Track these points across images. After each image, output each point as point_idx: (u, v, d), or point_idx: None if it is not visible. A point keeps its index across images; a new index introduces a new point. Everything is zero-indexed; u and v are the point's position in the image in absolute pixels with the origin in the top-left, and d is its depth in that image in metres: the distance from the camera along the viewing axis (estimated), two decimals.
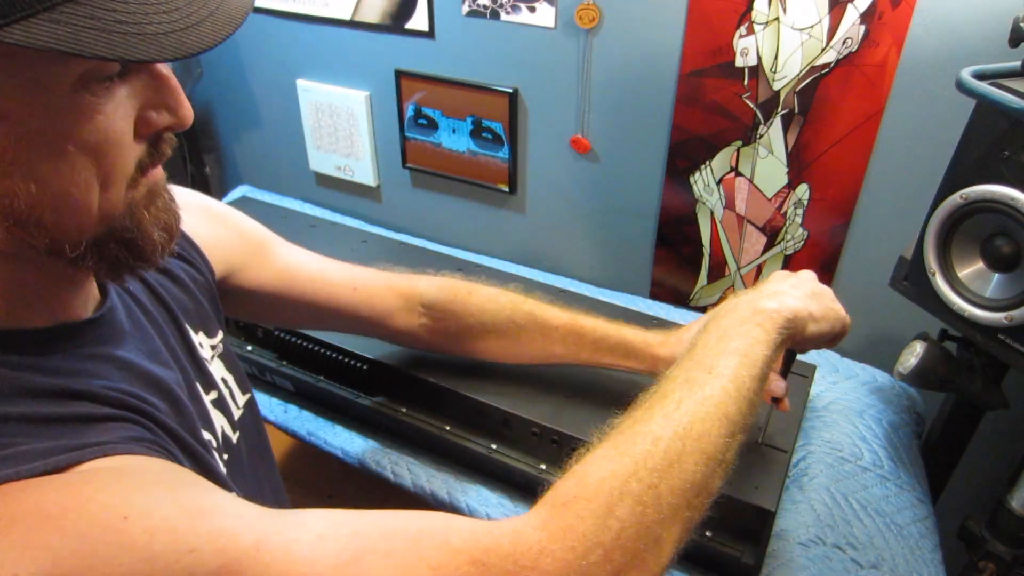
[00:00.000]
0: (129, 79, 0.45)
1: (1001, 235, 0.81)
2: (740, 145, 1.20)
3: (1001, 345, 0.82)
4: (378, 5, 1.39)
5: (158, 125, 0.47)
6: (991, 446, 1.21)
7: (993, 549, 0.95)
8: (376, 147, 1.58)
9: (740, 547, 0.82)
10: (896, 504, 0.96)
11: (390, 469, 0.98)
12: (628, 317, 1.14)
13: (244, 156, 1.82)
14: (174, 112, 0.48)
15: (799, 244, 1.23)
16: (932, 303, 0.88)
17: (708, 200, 1.27)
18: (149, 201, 0.50)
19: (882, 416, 1.10)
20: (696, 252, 1.33)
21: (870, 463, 1.01)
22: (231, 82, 1.67)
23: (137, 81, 0.45)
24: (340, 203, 1.71)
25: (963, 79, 0.78)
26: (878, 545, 0.89)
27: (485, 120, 1.39)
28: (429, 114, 1.45)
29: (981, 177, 0.79)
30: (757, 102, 1.15)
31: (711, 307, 1.37)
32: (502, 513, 0.91)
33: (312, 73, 1.56)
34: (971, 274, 0.84)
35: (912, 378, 0.97)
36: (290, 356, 1.07)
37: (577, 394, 0.95)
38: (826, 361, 1.21)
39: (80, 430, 0.46)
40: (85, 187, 0.44)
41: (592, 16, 1.19)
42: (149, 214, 0.50)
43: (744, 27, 1.11)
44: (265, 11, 1.52)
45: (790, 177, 1.19)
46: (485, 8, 1.29)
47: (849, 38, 1.05)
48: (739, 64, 1.13)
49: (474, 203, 1.53)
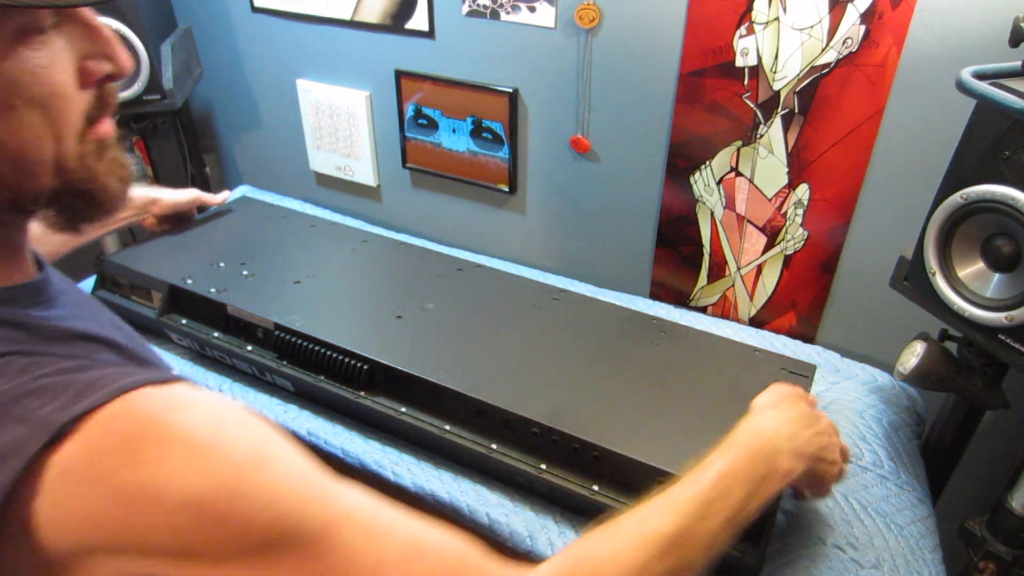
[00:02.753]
0: (64, 30, 0.47)
1: (1001, 235, 0.80)
2: (740, 145, 1.20)
3: (1001, 345, 0.82)
4: (378, 5, 1.39)
5: (99, 73, 0.49)
6: (991, 446, 1.21)
7: (993, 549, 0.95)
8: (376, 147, 1.58)
9: (741, 547, 0.82)
10: (896, 504, 0.96)
11: (390, 469, 0.98)
12: (628, 316, 1.14)
13: (244, 156, 1.82)
14: (113, 59, 0.50)
15: (799, 244, 1.23)
16: (932, 303, 0.88)
17: (708, 200, 1.27)
18: (100, 153, 0.52)
19: (882, 416, 1.10)
20: (696, 252, 1.33)
21: (870, 463, 1.01)
22: (231, 82, 1.67)
23: (72, 31, 0.47)
24: (340, 203, 1.71)
25: (963, 79, 0.78)
26: (878, 545, 0.89)
27: (485, 120, 1.39)
28: (429, 114, 1.45)
29: (981, 177, 0.79)
30: (757, 102, 1.15)
31: (711, 308, 1.37)
32: (502, 513, 0.91)
33: (312, 73, 1.56)
34: (971, 274, 0.84)
35: (912, 378, 0.97)
36: (290, 356, 1.07)
37: (577, 394, 0.95)
38: (826, 361, 1.21)
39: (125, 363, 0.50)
40: (37, 141, 0.46)
41: (592, 16, 1.19)
42: (102, 165, 0.52)
43: (744, 27, 1.11)
44: (265, 11, 1.52)
45: (790, 177, 1.19)
46: (485, 8, 1.29)
47: (849, 38, 1.05)
48: (739, 64, 1.13)
49: (474, 203, 1.53)
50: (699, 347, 1.07)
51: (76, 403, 0.42)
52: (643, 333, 1.09)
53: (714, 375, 1.00)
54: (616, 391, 0.97)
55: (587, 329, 1.10)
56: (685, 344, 1.07)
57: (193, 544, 0.43)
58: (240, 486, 0.43)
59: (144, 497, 0.41)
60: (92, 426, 0.41)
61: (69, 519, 0.41)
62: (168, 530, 0.42)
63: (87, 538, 0.42)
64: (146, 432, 0.42)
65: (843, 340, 1.28)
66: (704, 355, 1.05)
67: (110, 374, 0.45)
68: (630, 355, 1.05)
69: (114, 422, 0.42)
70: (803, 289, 1.27)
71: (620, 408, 0.94)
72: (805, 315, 1.29)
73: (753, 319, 1.35)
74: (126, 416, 0.42)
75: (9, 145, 0.45)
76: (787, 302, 1.30)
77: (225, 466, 0.43)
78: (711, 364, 1.02)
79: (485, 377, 0.96)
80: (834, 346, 1.27)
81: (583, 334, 1.09)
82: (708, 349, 1.06)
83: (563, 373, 0.99)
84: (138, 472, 0.41)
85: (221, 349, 1.11)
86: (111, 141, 0.53)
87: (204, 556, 0.43)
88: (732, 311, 1.36)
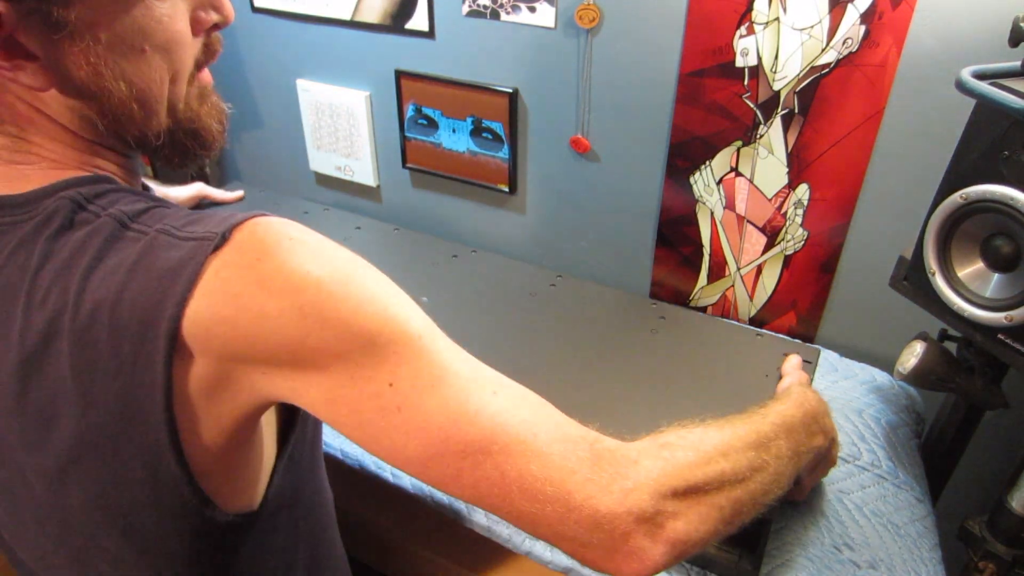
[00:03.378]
0: None
1: (1001, 235, 0.80)
2: (740, 145, 1.20)
3: (1001, 345, 0.82)
4: (378, 5, 1.39)
5: (208, 22, 0.58)
6: (991, 446, 1.21)
7: (993, 549, 0.95)
8: (376, 147, 1.58)
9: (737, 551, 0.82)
10: (894, 504, 0.96)
11: (390, 470, 0.98)
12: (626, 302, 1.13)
13: (244, 156, 1.82)
14: (220, 10, 0.58)
15: (799, 244, 1.23)
16: (932, 303, 0.87)
17: (708, 200, 1.27)
18: (203, 98, 0.61)
19: (881, 416, 1.10)
20: (696, 252, 1.33)
21: (868, 463, 1.01)
22: (231, 82, 1.67)
23: None
24: (340, 203, 1.71)
25: (963, 79, 0.78)
26: (876, 545, 0.89)
27: (485, 120, 1.39)
28: (429, 114, 1.45)
29: (981, 177, 0.79)
30: (757, 102, 1.15)
31: (711, 308, 1.37)
32: None
33: (312, 73, 1.56)
34: (971, 274, 0.84)
35: (912, 378, 0.97)
36: None
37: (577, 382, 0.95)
38: (825, 360, 1.21)
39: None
40: (160, 82, 0.55)
41: (592, 16, 1.19)
42: (204, 108, 0.61)
43: (744, 27, 1.11)
44: (265, 11, 1.52)
45: (790, 177, 1.19)
46: (485, 8, 1.29)
47: (849, 38, 1.05)
48: (739, 64, 1.13)
49: (474, 203, 1.53)
50: (700, 332, 1.06)
51: (227, 222, 0.50)
52: (643, 319, 1.09)
53: (716, 360, 0.99)
54: (616, 377, 0.97)
55: (585, 316, 1.10)
56: (686, 329, 1.07)
57: (311, 335, 0.49)
58: (353, 276, 0.51)
59: (278, 282, 0.49)
60: (239, 234, 0.50)
61: (224, 315, 0.48)
62: (294, 316, 0.48)
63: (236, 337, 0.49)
64: (279, 235, 0.50)
65: (843, 340, 1.28)
66: (705, 340, 1.04)
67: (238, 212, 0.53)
68: (630, 341, 1.04)
69: (255, 229, 0.50)
70: (803, 289, 1.27)
71: (620, 394, 0.93)
72: (805, 315, 1.29)
73: (753, 319, 1.34)
74: (263, 226, 0.51)
75: (139, 85, 0.53)
76: (787, 302, 1.30)
77: (341, 260, 0.52)
78: (713, 349, 1.02)
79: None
80: (834, 346, 1.27)
81: (581, 321, 1.09)
82: (709, 334, 1.06)
83: (561, 361, 0.98)
84: (274, 260, 0.49)
85: None
86: (210, 88, 0.62)
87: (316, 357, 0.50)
88: (732, 311, 1.36)
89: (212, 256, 0.48)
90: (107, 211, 0.52)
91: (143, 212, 0.52)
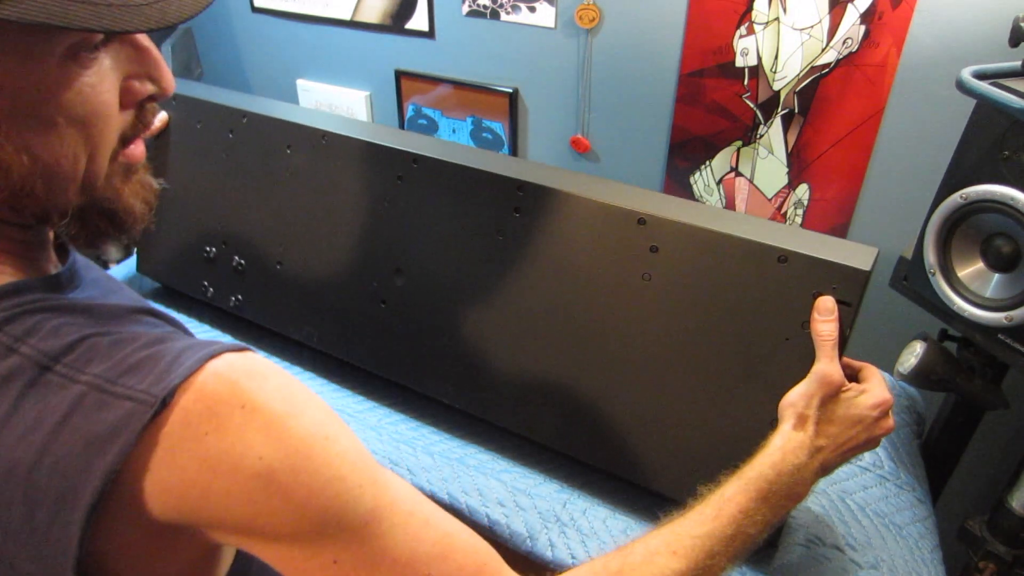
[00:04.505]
0: (112, 49, 0.46)
1: (1001, 235, 0.80)
2: (740, 145, 1.20)
3: (1001, 345, 0.82)
4: (378, 5, 1.39)
5: (142, 94, 0.49)
6: (991, 446, 1.21)
7: (993, 549, 0.95)
8: None
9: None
10: (895, 504, 0.96)
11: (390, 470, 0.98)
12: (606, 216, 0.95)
13: None
14: (157, 81, 0.49)
15: None
16: (932, 303, 0.87)
17: (708, 200, 1.27)
18: (128, 174, 0.52)
19: None
20: None
21: (869, 463, 1.01)
22: (231, 82, 1.67)
23: (120, 52, 0.47)
24: None
25: (963, 79, 0.78)
26: (877, 545, 0.89)
27: (485, 120, 1.39)
28: (429, 114, 1.45)
29: (981, 177, 0.79)
30: (757, 102, 1.15)
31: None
32: (502, 513, 0.91)
33: (312, 73, 1.56)
34: (971, 274, 0.84)
35: (912, 378, 0.97)
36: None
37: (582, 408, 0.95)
38: None
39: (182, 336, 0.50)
40: (72, 158, 0.46)
41: (592, 16, 1.19)
42: (128, 186, 0.52)
43: (744, 27, 1.11)
44: (265, 11, 1.52)
45: (790, 177, 1.19)
46: (485, 8, 1.29)
47: (849, 38, 1.05)
48: (739, 64, 1.13)
49: None
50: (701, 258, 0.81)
51: (170, 375, 0.44)
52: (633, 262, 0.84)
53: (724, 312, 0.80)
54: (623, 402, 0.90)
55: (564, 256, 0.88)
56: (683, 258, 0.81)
57: (259, 516, 0.46)
58: (306, 461, 0.46)
59: (226, 464, 0.44)
60: (184, 398, 0.44)
61: (166, 486, 0.44)
62: (243, 499, 0.45)
63: (179, 506, 0.45)
64: (231, 399, 0.45)
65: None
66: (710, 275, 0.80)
67: (189, 344, 0.47)
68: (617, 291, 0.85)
69: (203, 389, 0.44)
70: None
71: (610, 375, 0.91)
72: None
73: None
74: (214, 382, 0.45)
75: (45, 160, 0.45)
76: None
77: (296, 438, 0.46)
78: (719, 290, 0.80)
79: (485, 385, 0.96)
80: None
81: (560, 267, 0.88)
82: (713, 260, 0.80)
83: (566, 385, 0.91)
84: (223, 439, 0.44)
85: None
86: (139, 165, 0.53)
87: (265, 532, 0.47)
88: None
89: (151, 423, 0.43)
90: (24, 345, 0.44)
91: (69, 349, 0.45)
